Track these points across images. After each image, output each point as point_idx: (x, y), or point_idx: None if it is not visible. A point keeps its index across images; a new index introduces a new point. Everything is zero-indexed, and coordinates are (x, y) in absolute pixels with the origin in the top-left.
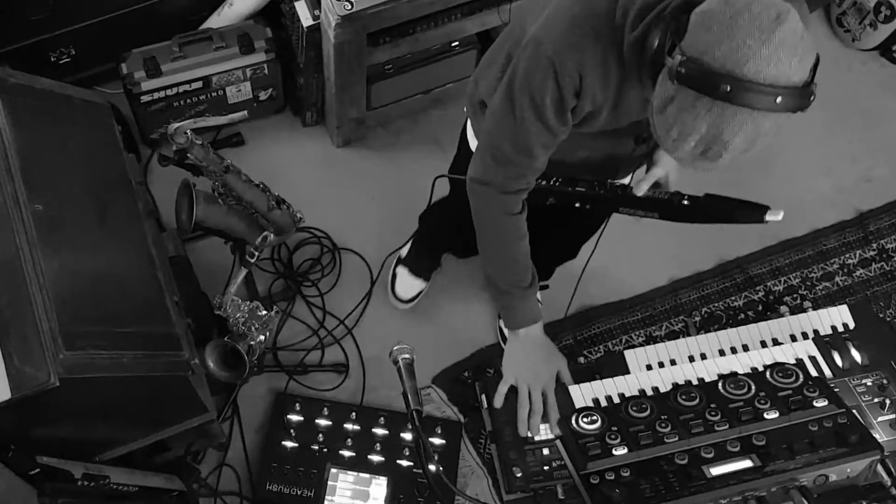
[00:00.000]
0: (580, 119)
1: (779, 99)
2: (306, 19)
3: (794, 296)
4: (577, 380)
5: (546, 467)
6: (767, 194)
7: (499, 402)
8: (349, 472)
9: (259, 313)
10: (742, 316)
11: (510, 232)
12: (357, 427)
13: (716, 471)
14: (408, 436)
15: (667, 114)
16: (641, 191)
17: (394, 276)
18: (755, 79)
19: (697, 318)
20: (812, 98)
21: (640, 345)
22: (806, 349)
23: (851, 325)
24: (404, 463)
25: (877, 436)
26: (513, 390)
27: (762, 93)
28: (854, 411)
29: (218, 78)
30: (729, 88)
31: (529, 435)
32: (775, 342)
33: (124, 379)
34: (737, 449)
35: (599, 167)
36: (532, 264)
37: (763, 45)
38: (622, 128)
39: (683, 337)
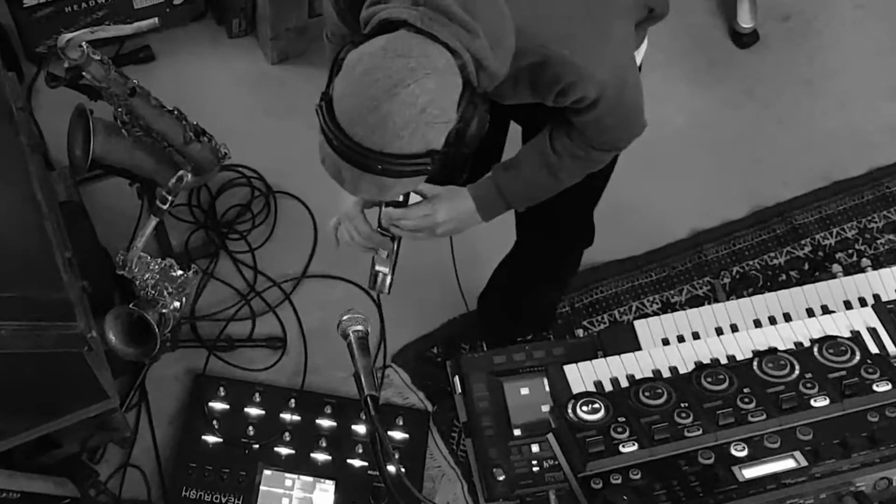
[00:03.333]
0: None
1: (380, 167)
2: None
3: (850, 251)
4: (576, 358)
5: (536, 468)
6: (815, 124)
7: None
8: (287, 475)
9: (173, 274)
10: (783, 277)
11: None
12: (297, 417)
13: (750, 473)
14: (361, 428)
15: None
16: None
17: None
18: (361, 143)
19: (727, 280)
20: (427, 166)
21: (655, 313)
22: (864, 319)
23: None
24: (356, 463)
25: None
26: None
27: (365, 157)
28: None
29: None
30: (336, 143)
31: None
32: (825, 310)
33: (2, 357)
34: (776, 445)
35: None
36: None
37: (370, 113)
38: None
39: (709, 304)
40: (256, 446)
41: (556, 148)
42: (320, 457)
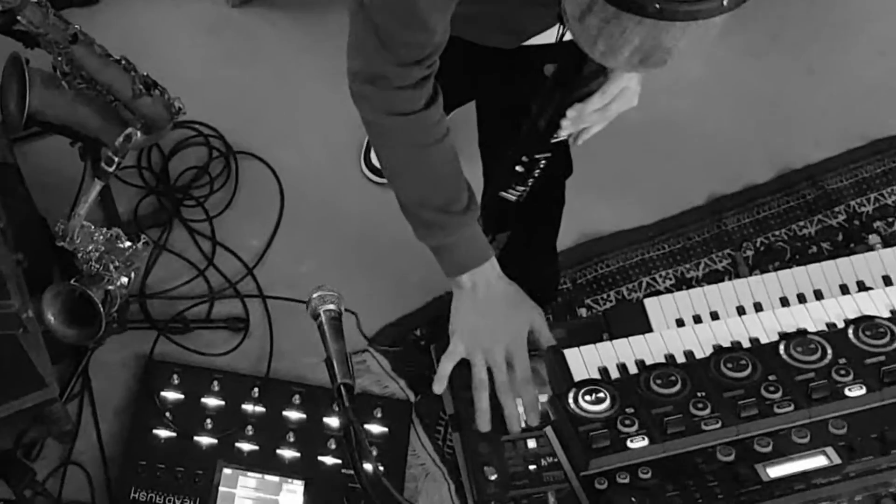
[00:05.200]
0: None
1: (726, 2)
2: None
3: (890, 220)
4: (578, 341)
5: (532, 466)
6: (851, 75)
7: (439, 386)
8: (250, 474)
9: (120, 245)
10: (814, 249)
11: (423, 133)
12: (261, 409)
13: (775, 471)
14: (334, 421)
15: (587, 24)
16: (593, 106)
17: None
18: None
19: (750, 252)
20: None
21: (668, 290)
22: None
23: None
24: (328, 460)
25: None
26: (465, 365)
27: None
28: None
29: None
30: (658, 6)
31: (503, 429)
32: (861, 286)
33: None
34: (806, 440)
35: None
36: (466, 181)
37: None
38: None
39: (730, 279)
40: (215, 441)
41: None
42: (287, 453)
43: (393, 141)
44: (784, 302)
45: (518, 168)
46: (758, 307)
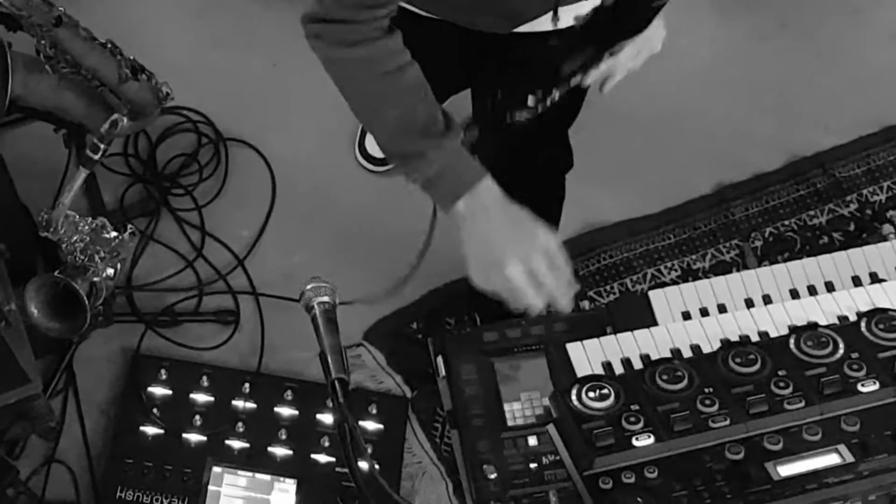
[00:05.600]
0: None
1: None
2: None
3: None
4: (581, 334)
5: (533, 465)
6: (862, 60)
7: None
8: (240, 473)
9: (106, 236)
10: (825, 239)
11: (384, 61)
12: (252, 405)
13: (786, 470)
14: (328, 418)
15: None
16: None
17: None
18: None
19: (759, 243)
20: None
21: (674, 282)
22: None
23: None
24: (322, 458)
25: None
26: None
27: None
28: None
29: None
30: None
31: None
32: (874, 278)
33: None
34: (817, 438)
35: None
36: (439, 104)
37: None
38: None
39: (738, 270)
40: (204, 438)
41: None
42: (279, 451)
43: (356, 75)
44: (794, 294)
45: (530, 100)
46: (767, 300)
